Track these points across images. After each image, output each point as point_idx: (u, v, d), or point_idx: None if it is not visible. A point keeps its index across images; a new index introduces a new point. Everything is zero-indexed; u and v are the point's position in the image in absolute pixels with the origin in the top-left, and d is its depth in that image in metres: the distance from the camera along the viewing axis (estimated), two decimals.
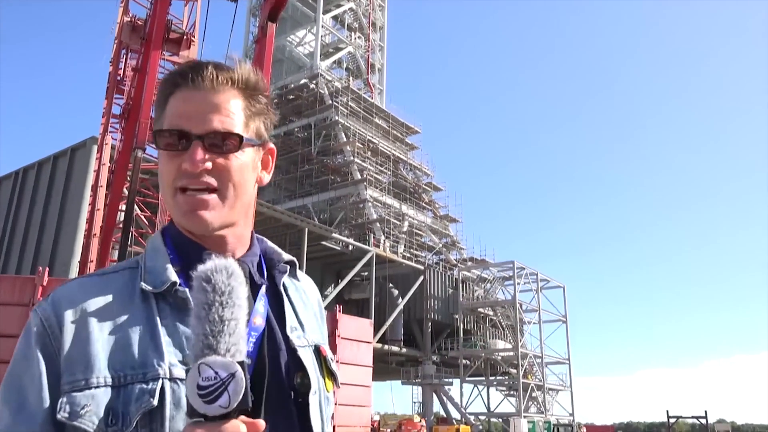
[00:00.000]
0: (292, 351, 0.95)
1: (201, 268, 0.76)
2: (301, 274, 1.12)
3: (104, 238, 13.38)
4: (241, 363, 0.72)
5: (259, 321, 0.93)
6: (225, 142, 0.92)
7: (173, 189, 0.91)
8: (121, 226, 11.77)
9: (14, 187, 20.70)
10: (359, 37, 48.97)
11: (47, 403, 0.82)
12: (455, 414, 36.08)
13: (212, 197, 0.91)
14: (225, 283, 0.75)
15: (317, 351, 1.01)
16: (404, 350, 34.52)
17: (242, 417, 0.72)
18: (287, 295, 1.02)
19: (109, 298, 0.88)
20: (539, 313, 38.33)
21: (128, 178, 11.50)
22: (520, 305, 37.51)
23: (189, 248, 0.95)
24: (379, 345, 30.16)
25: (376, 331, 28.11)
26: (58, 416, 0.80)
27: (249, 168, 0.96)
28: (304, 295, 1.08)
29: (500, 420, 39.28)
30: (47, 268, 7.02)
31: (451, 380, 38.47)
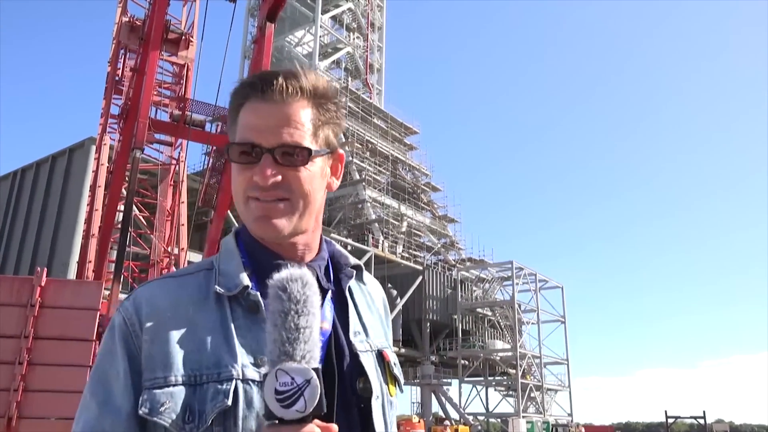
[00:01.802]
0: (354, 356, 0.97)
1: (276, 276, 0.80)
2: (367, 276, 1.15)
3: (102, 238, 13.36)
4: (316, 370, 0.76)
5: (326, 326, 0.97)
6: (295, 155, 0.93)
7: (245, 197, 0.95)
8: (119, 226, 11.76)
9: (12, 188, 20.67)
10: (358, 38, 48.99)
11: (131, 398, 0.87)
12: (454, 414, 36.08)
13: (283, 205, 0.94)
14: (300, 292, 0.79)
15: (380, 356, 1.03)
16: (403, 351, 34.53)
17: (316, 421, 0.75)
18: (352, 299, 1.04)
19: (185, 299, 0.93)
20: (538, 314, 38.36)
21: (127, 179, 11.49)
22: (519, 305, 37.55)
23: (260, 253, 0.98)
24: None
25: None
26: (140, 412, 0.85)
27: (318, 177, 0.98)
28: (369, 297, 1.11)
29: (499, 420, 39.30)
30: (45, 269, 7.00)
31: (449, 380, 38.52)
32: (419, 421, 29.44)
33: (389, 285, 33.80)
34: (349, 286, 1.04)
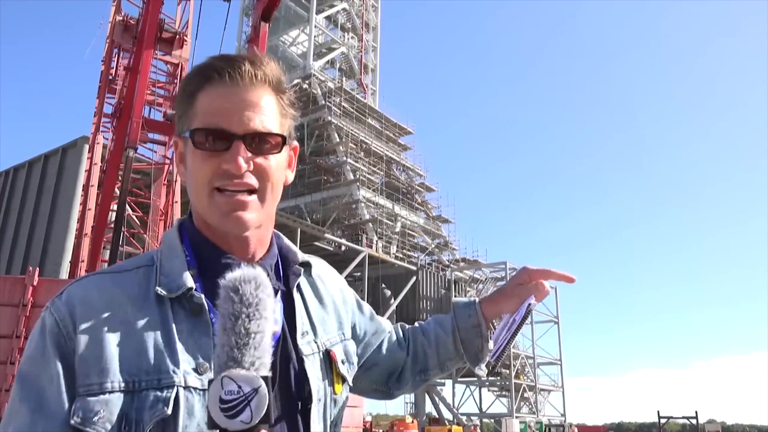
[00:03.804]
0: (300, 360, 0.94)
1: (229, 276, 0.74)
2: (319, 265, 1.11)
3: (95, 237, 13.31)
4: (265, 378, 0.70)
5: (276, 329, 0.92)
6: (267, 143, 0.90)
7: (210, 189, 0.89)
8: (112, 226, 11.72)
9: (4, 187, 20.54)
10: (352, 38, 48.94)
11: (66, 404, 0.80)
12: (447, 414, 36.10)
13: (252, 198, 0.89)
14: (253, 295, 0.73)
15: (327, 355, 1.00)
16: None
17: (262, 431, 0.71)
18: (302, 298, 1.01)
19: (123, 298, 0.86)
20: (531, 314, 38.40)
21: (120, 178, 11.45)
22: None
23: (207, 250, 0.93)
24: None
25: None
26: (72, 421, 0.79)
27: (283, 167, 0.95)
28: (321, 289, 1.07)
29: (492, 420, 39.34)
30: (38, 268, 6.98)
31: (443, 381, 38.49)
32: (412, 422, 29.44)
33: (383, 285, 33.79)
34: (298, 284, 1.00)
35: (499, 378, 38.26)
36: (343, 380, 1.03)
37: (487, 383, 39.09)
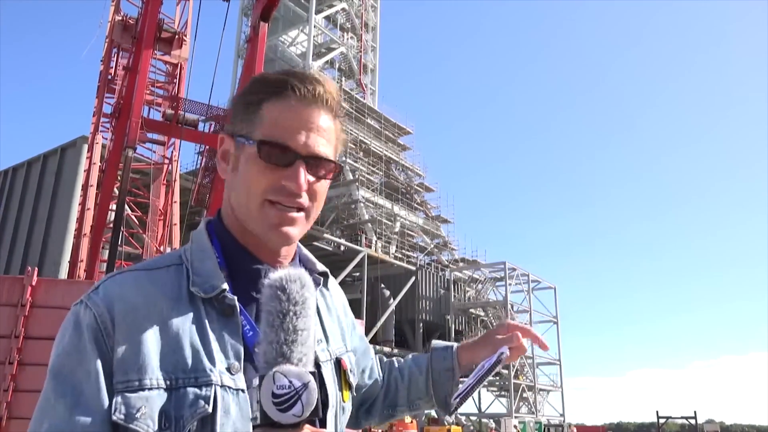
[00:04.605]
0: (317, 366, 0.95)
1: (274, 276, 0.78)
2: (331, 281, 1.15)
3: (94, 237, 13.30)
4: (312, 373, 0.73)
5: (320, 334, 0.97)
6: (323, 168, 0.93)
7: (262, 199, 0.91)
8: (111, 226, 11.71)
9: (3, 187, 20.52)
10: (352, 38, 48.94)
11: (105, 401, 0.80)
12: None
13: (300, 215, 0.93)
14: (299, 293, 0.77)
15: (338, 363, 1.02)
16: (396, 351, 34.49)
17: (308, 426, 0.74)
18: (317, 306, 1.02)
19: (159, 296, 0.87)
20: (530, 314, 38.43)
21: (119, 178, 11.44)
22: (512, 306, 37.61)
23: (238, 254, 0.94)
24: (371, 346, 30.18)
25: (367, 332, 28.09)
26: (114, 417, 0.79)
27: (327, 190, 1.00)
28: (329, 301, 1.11)
29: (491, 420, 39.35)
30: (36, 268, 6.96)
31: None
32: (411, 422, 29.45)
33: (382, 285, 33.79)
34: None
35: (498, 378, 38.29)
36: (350, 388, 1.05)
37: (486, 383, 39.09)
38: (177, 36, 14.60)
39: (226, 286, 0.89)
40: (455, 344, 1.24)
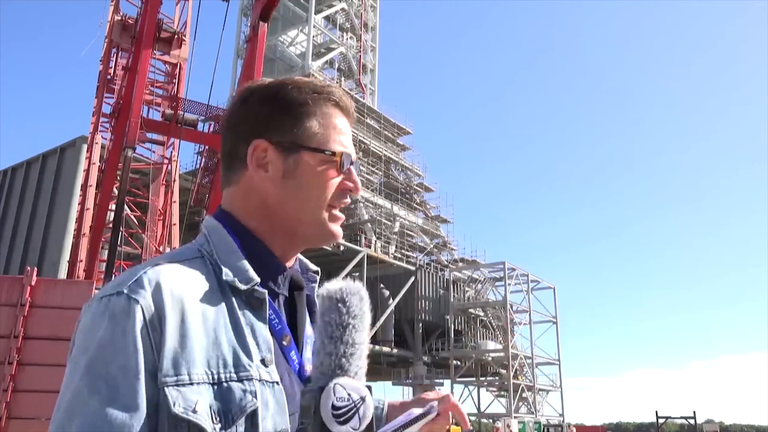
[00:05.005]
0: None
1: (332, 287, 0.80)
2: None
3: (94, 237, 13.31)
4: (369, 387, 0.75)
5: (310, 332, 0.97)
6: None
7: (326, 204, 0.97)
8: (110, 225, 11.71)
9: (2, 187, 20.51)
10: (351, 38, 48.93)
11: (143, 397, 0.77)
12: None
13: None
14: (358, 307, 0.79)
15: None
16: (395, 351, 34.53)
17: None
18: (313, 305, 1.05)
19: (197, 288, 0.86)
20: (530, 314, 38.44)
21: (118, 178, 11.44)
22: (511, 306, 37.60)
23: (261, 252, 0.96)
24: (370, 346, 30.05)
25: None
26: (174, 410, 0.77)
27: None
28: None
29: (491, 420, 39.35)
30: (36, 268, 6.97)
31: (441, 381, 38.50)
32: None
33: (381, 285, 33.78)
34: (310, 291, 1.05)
35: (497, 378, 38.31)
36: None
37: (485, 383, 39.13)
38: (176, 36, 14.60)
39: (258, 279, 0.90)
40: (385, 398, 1.24)
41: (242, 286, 0.88)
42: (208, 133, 11.55)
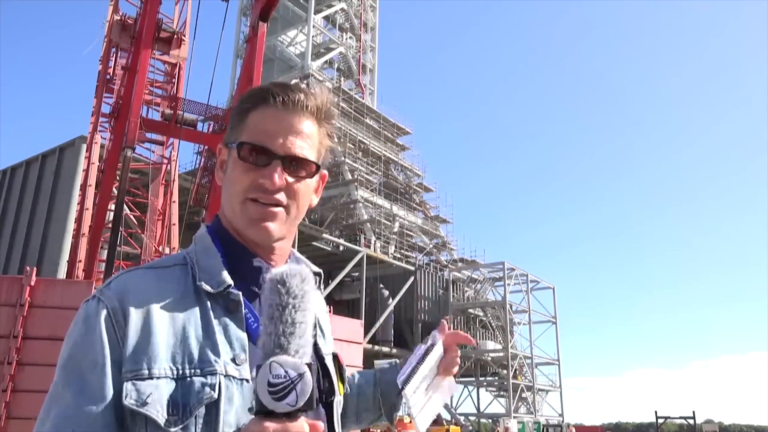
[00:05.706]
0: (320, 358, 1.03)
1: (275, 271, 0.81)
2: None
3: (93, 237, 13.30)
4: (308, 365, 0.76)
5: None
6: (302, 168, 1.00)
7: (244, 197, 0.98)
8: (110, 225, 11.69)
9: (1, 187, 20.49)
10: (350, 38, 48.93)
11: (110, 389, 0.85)
12: (445, 414, 36.11)
13: (279, 211, 0.98)
14: (299, 287, 0.80)
15: (336, 358, 1.10)
16: (394, 351, 34.50)
17: (302, 417, 0.76)
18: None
19: (167, 292, 0.93)
20: (529, 314, 38.45)
21: (117, 178, 11.43)
22: (510, 306, 37.61)
23: (240, 253, 1.01)
24: (370, 346, 30.13)
25: (366, 332, 28.08)
26: (125, 402, 0.84)
27: (311, 191, 1.04)
28: (321, 300, 1.18)
29: (490, 420, 39.37)
30: (35, 268, 6.96)
31: None
32: (410, 422, 29.44)
33: (381, 285, 33.79)
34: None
35: (496, 378, 38.31)
36: (344, 382, 1.12)
37: (485, 383, 39.14)
38: (176, 36, 14.59)
39: (230, 281, 0.95)
40: (398, 360, 1.33)
41: (212, 290, 0.94)
42: (207, 133, 11.53)
